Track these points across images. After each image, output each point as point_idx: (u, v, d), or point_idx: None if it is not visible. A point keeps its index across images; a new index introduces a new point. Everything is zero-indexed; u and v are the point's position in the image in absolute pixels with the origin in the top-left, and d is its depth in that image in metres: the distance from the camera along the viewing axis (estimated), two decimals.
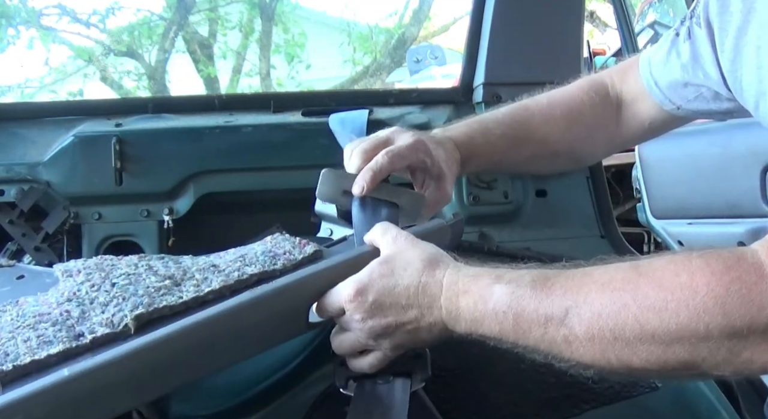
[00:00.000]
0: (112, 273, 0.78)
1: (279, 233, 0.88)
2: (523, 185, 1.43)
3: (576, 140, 1.03)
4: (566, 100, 1.02)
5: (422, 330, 0.71)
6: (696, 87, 0.88)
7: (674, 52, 0.90)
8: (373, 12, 15.49)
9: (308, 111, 1.43)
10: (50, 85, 8.44)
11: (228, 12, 8.35)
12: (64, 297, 0.74)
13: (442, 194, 0.93)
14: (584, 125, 1.01)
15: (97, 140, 1.31)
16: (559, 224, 1.45)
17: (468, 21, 1.53)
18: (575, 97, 1.02)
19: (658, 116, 0.97)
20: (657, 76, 0.94)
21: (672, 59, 0.90)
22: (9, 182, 1.29)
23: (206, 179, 1.34)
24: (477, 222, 1.42)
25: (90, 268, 0.80)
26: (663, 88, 0.94)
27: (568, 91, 1.04)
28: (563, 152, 1.04)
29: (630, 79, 1.00)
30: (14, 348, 0.65)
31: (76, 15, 7.85)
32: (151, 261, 0.81)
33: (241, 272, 0.77)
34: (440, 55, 6.14)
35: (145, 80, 8.18)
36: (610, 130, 1.03)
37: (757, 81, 0.71)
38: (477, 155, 0.98)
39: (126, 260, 0.83)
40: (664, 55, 0.92)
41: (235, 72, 8.40)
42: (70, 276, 0.80)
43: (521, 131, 1.00)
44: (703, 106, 0.90)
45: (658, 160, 2.02)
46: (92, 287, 0.75)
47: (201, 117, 1.42)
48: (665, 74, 0.93)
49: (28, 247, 1.29)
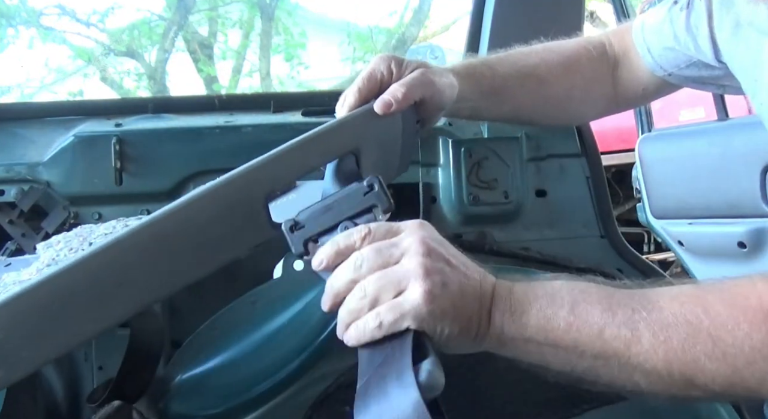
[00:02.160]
0: (90, 236, 0.79)
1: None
2: (523, 185, 1.43)
3: (573, 88, 1.01)
4: (564, 49, 1.02)
5: (463, 298, 0.59)
6: (687, 56, 0.89)
7: (668, 20, 0.90)
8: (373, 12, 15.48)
9: (308, 111, 1.43)
10: (50, 86, 8.43)
11: (228, 12, 8.35)
12: (44, 264, 0.74)
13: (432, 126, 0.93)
14: (581, 76, 1.00)
15: (97, 140, 1.31)
16: (559, 224, 1.45)
17: (468, 21, 1.53)
18: (573, 49, 1.02)
19: (650, 81, 0.97)
20: (650, 41, 0.94)
21: (665, 27, 0.90)
22: (9, 182, 1.29)
23: (206, 179, 1.34)
24: (477, 222, 1.42)
25: (69, 236, 0.81)
26: (655, 55, 0.93)
27: (566, 43, 1.03)
28: (560, 98, 1.02)
29: (626, 43, 1.00)
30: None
31: (76, 15, 7.85)
32: (129, 221, 0.82)
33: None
34: (440, 55, 6.12)
35: (145, 80, 8.18)
36: (606, 87, 1.02)
37: (752, 66, 0.71)
38: (477, 86, 0.93)
39: (105, 224, 0.83)
40: (659, 21, 0.92)
41: (235, 72, 8.40)
42: (50, 247, 0.80)
43: (523, 69, 0.98)
44: (694, 73, 0.90)
45: (658, 160, 2.01)
46: (70, 250, 0.76)
47: (201, 117, 1.42)
48: (658, 41, 0.92)
49: (28, 247, 1.29)
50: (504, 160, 1.41)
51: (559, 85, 1.00)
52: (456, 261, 0.61)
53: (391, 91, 0.81)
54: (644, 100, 1.04)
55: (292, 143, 0.68)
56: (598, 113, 1.10)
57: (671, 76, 0.93)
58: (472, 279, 0.61)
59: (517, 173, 1.42)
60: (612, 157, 3.28)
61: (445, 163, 1.42)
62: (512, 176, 1.41)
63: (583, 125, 1.48)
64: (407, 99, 0.81)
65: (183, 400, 0.96)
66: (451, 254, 0.61)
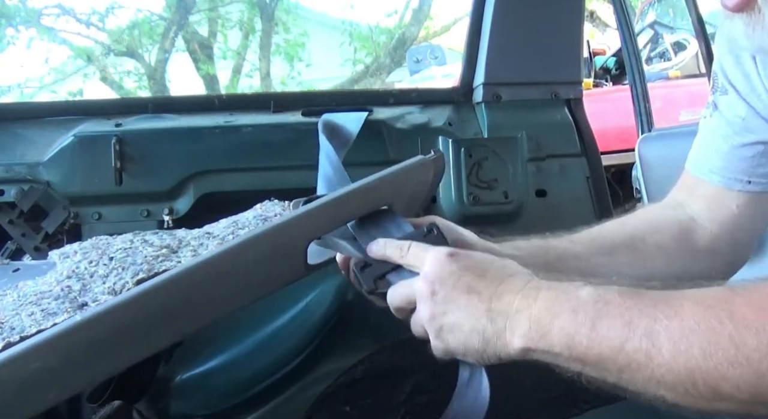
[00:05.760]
0: (108, 249, 0.79)
1: (268, 200, 0.88)
2: (524, 185, 1.43)
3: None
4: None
5: (465, 336, 0.65)
6: (750, 147, 0.84)
7: (707, 133, 0.87)
8: (374, 12, 15.47)
9: (308, 111, 1.43)
10: (50, 85, 8.44)
11: (228, 12, 8.36)
12: (63, 276, 0.75)
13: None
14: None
15: (97, 140, 1.31)
16: (559, 224, 1.44)
17: (468, 21, 1.53)
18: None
19: (738, 201, 0.88)
20: (708, 163, 0.88)
21: (710, 139, 0.87)
22: (9, 182, 1.29)
23: (206, 179, 1.34)
24: (477, 222, 1.42)
25: (86, 248, 0.81)
26: (721, 170, 0.87)
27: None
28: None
29: (697, 190, 0.91)
30: (19, 322, 0.65)
31: (75, 15, 7.86)
32: (146, 235, 0.82)
33: (235, 235, 0.78)
34: (440, 55, 6.13)
35: (145, 80, 8.18)
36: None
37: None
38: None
39: (121, 237, 0.83)
40: (701, 144, 0.89)
41: (235, 72, 8.41)
42: (67, 258, 0.80)
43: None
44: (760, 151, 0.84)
45: (658, 160, 2.01)
46: (90, 264, 0.76)
47: (201, 117, 1.42)
48: (713, 156, 0.87)
49: (27, 247, 1.29)
50: (504, 160, 1.41)
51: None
52: (462, 295, 0.65)
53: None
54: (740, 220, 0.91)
55: (335, 196, 0.73)
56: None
57: (751, 184, 0.86)
58: (473, 315, 0.65)
59: (517, 173, 1.42)
60: (612, 157, 3.28)
61: (445, 163, 1.41)
62: (512, 176, 1.41)
63: (583, 124, 1.48)
64: None
65: (183, 400, 0.96)
66: (460, 287, 0.66)
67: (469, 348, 0.66)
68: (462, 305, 0.65)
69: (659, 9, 4.95)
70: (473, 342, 0.65)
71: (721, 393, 0.55)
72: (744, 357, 0.53)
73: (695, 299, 0.57)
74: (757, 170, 0.85)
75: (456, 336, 0.66)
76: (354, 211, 0.76)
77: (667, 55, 4.33)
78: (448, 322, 0.66)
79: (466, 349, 0.66)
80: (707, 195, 0.89)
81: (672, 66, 4.18)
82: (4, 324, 0.66)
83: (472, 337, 0.65)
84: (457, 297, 0.66)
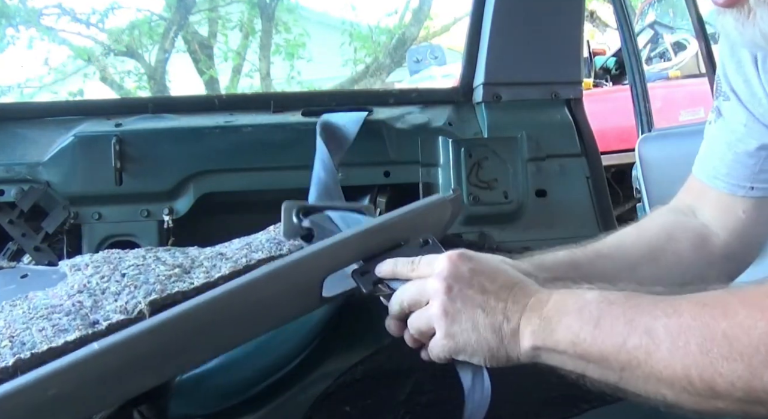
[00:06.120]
0: (120, 265, 0.79)
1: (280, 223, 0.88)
2: (524, 185, 1.43)
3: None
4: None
5: (479, 333, 0.66)
6: (753, 154, 0.85)
7: (712, 139, 0.88)
8: (374, 12, 15.48)
9: (308, 111, 1.43)
10: (50, 85, 8.45)
11: (228, 12, 8.36)
12: (74, 290, 0.74)
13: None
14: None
15: (97, 140, 1.31)
16: (559, 224, 1.45)
17: (468, 21, 1.53)
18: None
19: (744, 206, 0.89)
20: (713, 169, 0.89)
21: (715, 146, 0.88)
22: (9, 182, 1.29)
23: (206, 179, 1.34)
24: (477, 222, 1.42)
25: (98, 261, 0.81)
26: (725, 177, 0.88)
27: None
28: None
29: (704, 196, 0.92)
30: (30, 337, 0.66)
31: (75, 15, 7.86)
32: (158, 253, 0.82)
33: (248, 259, 0.78)
34: (440, 55, 6.13)
35: (145, 80, 8.18)
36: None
37: None
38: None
39: (133, 252, 0.83)
40: (706, 149, 0.89)
41: (235, 72, 8.41)
42: (78, 270, 0.80)
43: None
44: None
45: (658, 160, 2.01)
46: (102, 279, 0.76)
47: (201, 117, 1.42)
48: (718, 163, 0.88)
49: (28, 247, 1.29)
50: (504, 160, 1.41)
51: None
52: (477, 294, 0.67)
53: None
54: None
55: (354, 233, 0.75)
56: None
57: (754, 190, 0.87)
58: (489, 313, 0.66)
59: (517, 173, 1.42)
60: (612, 157, 3.28)
61: (445, 163, 1.42)
62: (512, 176, 1.41)
63: (583, 124, 1.48)
64: None
65: (183, 400, 0.96)
66: (475, 286, 0.67)
67: (481, 346, 0.66)
68: (477, 303, 0.66)
69: (659, 9, 4.95)
70: (487, 339, 0.66)
71: (717, 390, 0.56)
72: (737, 352, 0.55)
73: (695, 299, 0.59)
74: (759, 175, 0.86)
75: (469, 334, 0.66)
76: (372, 248, 0.77)
77: (667, 55, 4.33)
78: (463, 319, 0.66)
79: (478, 347, 0.66)
80: (715, 201, 0.90)
81: (672, 66, 4.18)
82: (15, 338, 0.66)
83: (486, 335, 0.66)
84: (473, 296, 0.67)
